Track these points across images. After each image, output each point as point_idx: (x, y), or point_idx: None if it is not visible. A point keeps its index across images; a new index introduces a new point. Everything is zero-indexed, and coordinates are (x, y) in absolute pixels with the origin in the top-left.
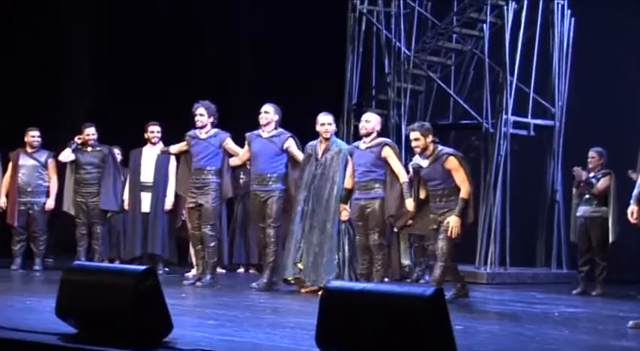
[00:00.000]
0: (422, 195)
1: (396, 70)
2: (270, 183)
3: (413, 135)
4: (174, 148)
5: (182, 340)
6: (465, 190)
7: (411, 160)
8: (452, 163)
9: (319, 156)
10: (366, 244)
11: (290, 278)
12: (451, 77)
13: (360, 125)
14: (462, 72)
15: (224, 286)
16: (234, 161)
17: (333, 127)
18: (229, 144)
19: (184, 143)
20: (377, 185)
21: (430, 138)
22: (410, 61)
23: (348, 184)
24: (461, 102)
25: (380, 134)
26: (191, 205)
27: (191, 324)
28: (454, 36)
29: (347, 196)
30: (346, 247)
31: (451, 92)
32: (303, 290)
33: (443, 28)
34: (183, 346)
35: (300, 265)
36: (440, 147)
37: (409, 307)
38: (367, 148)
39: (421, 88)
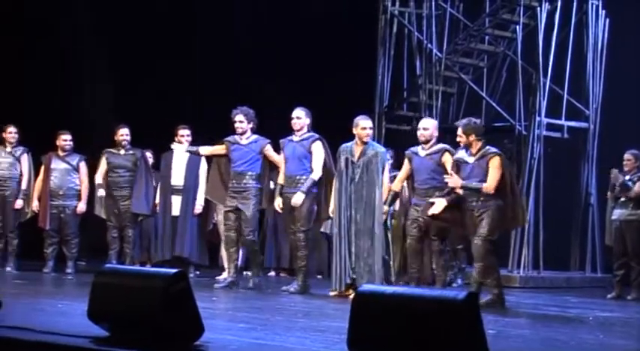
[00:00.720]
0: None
1: (427, 72)
2: (300, 185)
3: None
4: (204, 150)
5: (213, 344)
6: (488, 185)
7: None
8: (495, 162)
9: (356, 159)
10: (418, 249)
11: (344, 289)
12: (483, 79)
13: (419, 133)
14: (494, 74)
15: (255, 289)
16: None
17: (372, 132)
18: (269, 151)
19: (221, 147)
20: (436, 193)
21: (473, 137)
22: (442, 63)
23: (396, 187)
24: (493, 104)
25: (412, 137)
26: (228, 209)
27: (222, 327)
28: (486, 37)
29: (393, 199)
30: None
31: (483, 94)
32: (332, 294)
33: (475, 29)
34: (214, 350)
35: (353, 272)
36: (488, 146)
37: (441, 311)
38: (427, 154)
39: (453, 91)
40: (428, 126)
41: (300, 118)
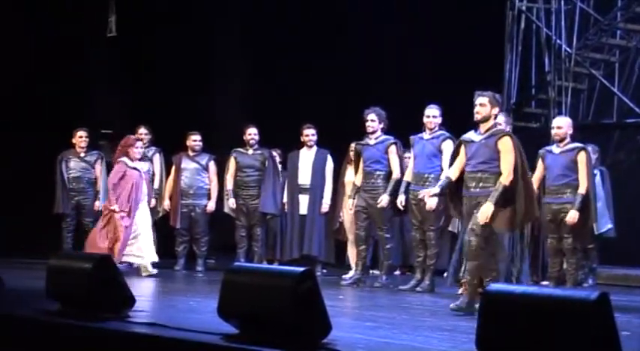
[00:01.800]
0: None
1: (556, 68)
2: (428, 184)
3: (480, 100)
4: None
5: (340, 342)
6: (505, 176)
7: None
8: (506, 144)
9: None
10: (558, 247)
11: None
12: (615, 75)
13: (553, 132)
14: (626, 69)
15: (381, 288)
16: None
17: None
18: (392, 151)
19: (353, 153)
20: (569, 190)
21: (497, 110)
22: (571, 59)
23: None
24: (626, 100)
25: (540, 134)
26: (359, 208)
27: (349, 326)
28: (618, 32)
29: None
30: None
31: (615, 90)
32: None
33: (606, 24)
34: (341, 348)
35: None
36: (501, 126)
37: (572, 311)
38: (562, 152)
39: (583, 87)
40: (562, 124)
41: (436, 116)
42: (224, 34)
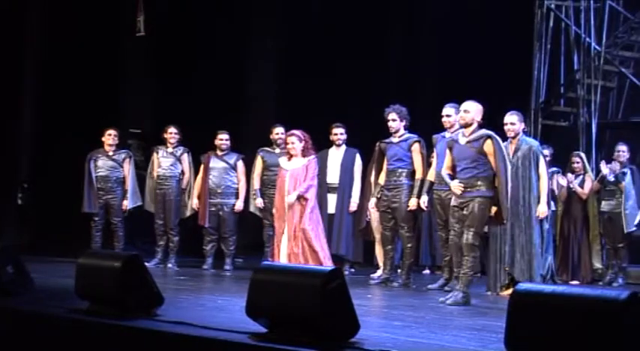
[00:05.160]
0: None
1: (585, 66)
2: None
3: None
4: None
5: (369, 341)
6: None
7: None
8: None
9: (511, 156)
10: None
11: (503, 290)
12: None
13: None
14: None
15: (408, 287)
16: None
17: (516, 127)
18: (416, 149)
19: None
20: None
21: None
22: (600, 57)
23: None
24: None
25: (568, 134)
26: (383, 208)
27: (377, 325)
28: None
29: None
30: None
31: None
32: (503, 293)
33: (636, 21)
34: (369, 347)
35: (509, 269)
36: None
37: (603, 311)
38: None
39: (613, 85)
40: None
41: (450, 116)
42: (256, 34)
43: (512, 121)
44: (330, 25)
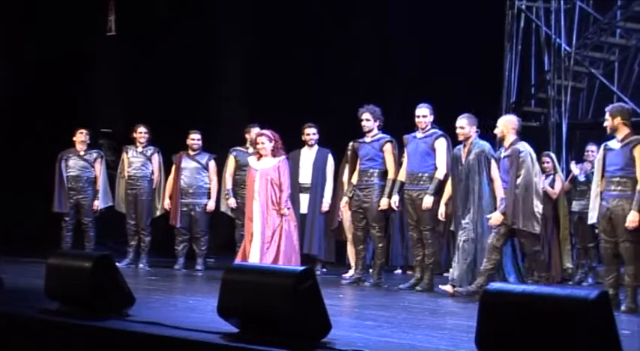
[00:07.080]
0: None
1: (556, 67)
2: (422, 183)
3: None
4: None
5: (340, 341)
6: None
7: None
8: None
9: (463, 160)
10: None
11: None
12: (614, 74)
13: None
14: (625, 68)
15: (380, 287)
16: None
17: (466, 130)
18: (387, 149)
19: (350, 152)
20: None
21: (619, 119)
22: (571, 58)
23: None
24: (626, 99)
25: (538, 134)
26: (355, 209)
27: (349, 324)
28: (618, 31)
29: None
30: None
31: (615, 89)
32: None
33: (606, 22)
34: (341, 347)
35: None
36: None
37: (572, 310)
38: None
39: (583, 86)
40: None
41: (426, 116)
42: (225, 33)
43: (462, 124)
44: (300, 25)
